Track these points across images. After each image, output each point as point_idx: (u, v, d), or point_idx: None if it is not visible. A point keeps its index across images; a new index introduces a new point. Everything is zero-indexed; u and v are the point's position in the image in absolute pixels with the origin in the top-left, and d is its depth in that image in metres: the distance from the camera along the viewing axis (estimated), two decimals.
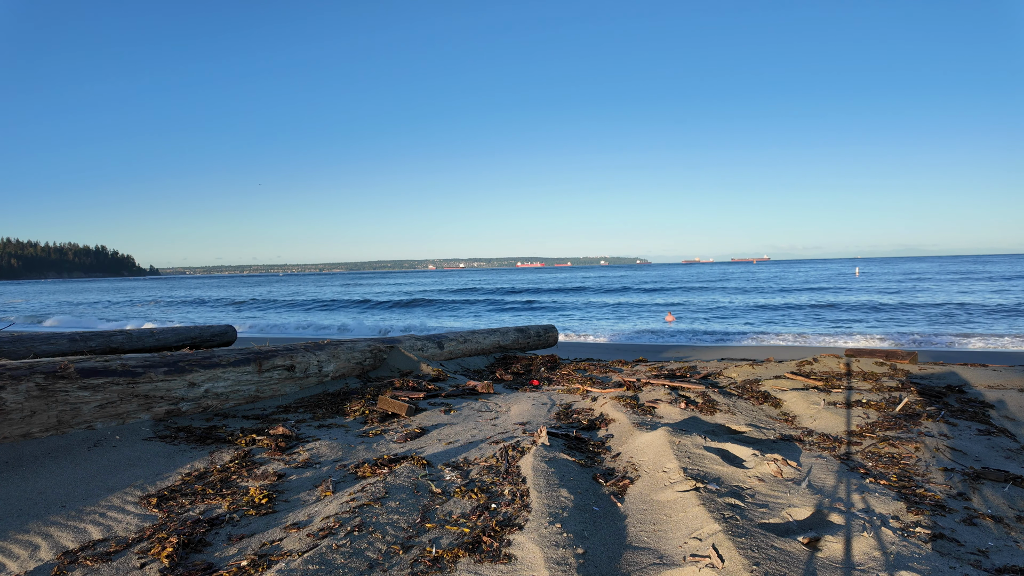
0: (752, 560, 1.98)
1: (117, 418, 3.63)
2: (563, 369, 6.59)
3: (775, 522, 2.34)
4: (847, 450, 3.41)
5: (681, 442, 3.18)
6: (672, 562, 2.08)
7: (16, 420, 3.16)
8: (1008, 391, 4.65)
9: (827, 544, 2.17)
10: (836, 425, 3.91)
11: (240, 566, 2.07)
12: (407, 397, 4.72)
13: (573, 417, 4.21)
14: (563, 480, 2.77)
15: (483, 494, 2.70)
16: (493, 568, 2.06)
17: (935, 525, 2.40)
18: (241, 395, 4.46)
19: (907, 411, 4.08)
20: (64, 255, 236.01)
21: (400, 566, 2.09)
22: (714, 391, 4.82)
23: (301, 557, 2.05)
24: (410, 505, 2.57)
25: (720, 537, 2.13)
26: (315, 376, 5.18)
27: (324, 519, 2.42)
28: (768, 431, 3.81)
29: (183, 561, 2.17)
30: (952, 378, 5.21)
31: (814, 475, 2.91)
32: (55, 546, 2.31)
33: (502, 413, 4.38)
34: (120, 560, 2.20)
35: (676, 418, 3.95)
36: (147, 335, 8.49)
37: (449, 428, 3.97)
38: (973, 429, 3.76)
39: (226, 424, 3.99)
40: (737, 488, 2.66)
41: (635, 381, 5.34)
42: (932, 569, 2.01)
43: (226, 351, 4.53)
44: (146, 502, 2.72)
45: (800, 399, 4.56)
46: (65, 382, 3.40)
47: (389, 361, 6.11)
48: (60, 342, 7.45)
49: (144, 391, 3.78)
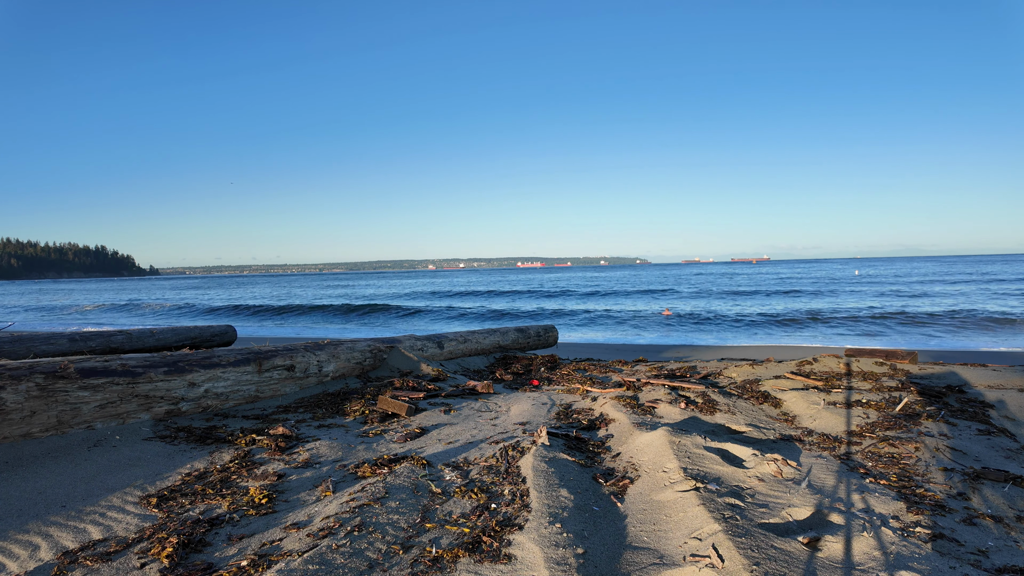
0: (752, 560, 1.98)
1: (117, 418, 3.63)
2: (563, 369, 6.59)
3: (775, 522, 2.34)
4: (847, 450, 3.41)
5: (681, 442, 3.18)
6: (672, 562, 2.08)
7: (16, 420, 3.16)
8: (1008, 391, 4.65)
9: (827, 544, 2.17)
10: (836, 425, 3.91)
11: (240, 566, 2.07)
12: (407, 397, 4.72)
13: (573, 417, 4.21)
14: (563, 480, 2.77)
15: (483, 494, 2.70)
16: (493, 568, 2.06)
17: (935, 525, 2.40)
18: (241, 395, 4.46)
19: (907, 411, 4.08)
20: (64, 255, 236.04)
21: (400, 566, 2.09)
22: (714, 391, 4.82)
23: (301, 557, 2.05)
24: (410, 505, 2.57)
25: (720, 537, 2.13)
26: (315, 376, 5.18)
27: (324, 519, 2.41)
28: (768, 431, 3.81)
29: (183, 561, 2.17)
30: (952, 378, 5.21)
31: (814, 475, 2.91)
32: (55, 546, 2.31)
33: (502, 413, 4.38)
34: (120, 560, 2.20)
35: (676, 418, 3.95)
36: (147, 335, 8.49)
37: (449, 428, 3.97)
38: (973, 429, 3.76)
39: (226, 424, 3.99)
40: (737, 488, 2.66)
41: (635, 381, 5.34)
42: (932, 569, 2.01)
43: (226, 351, 4.53)
44: (146, 502, 2.72)
45: (800, 399, 4.56)
46: (65, 382, 3.40)
47: (389, 361, 6.11)
48: (60, 342, 7.45)
49: (144, 391, 3.78)
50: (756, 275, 57.50)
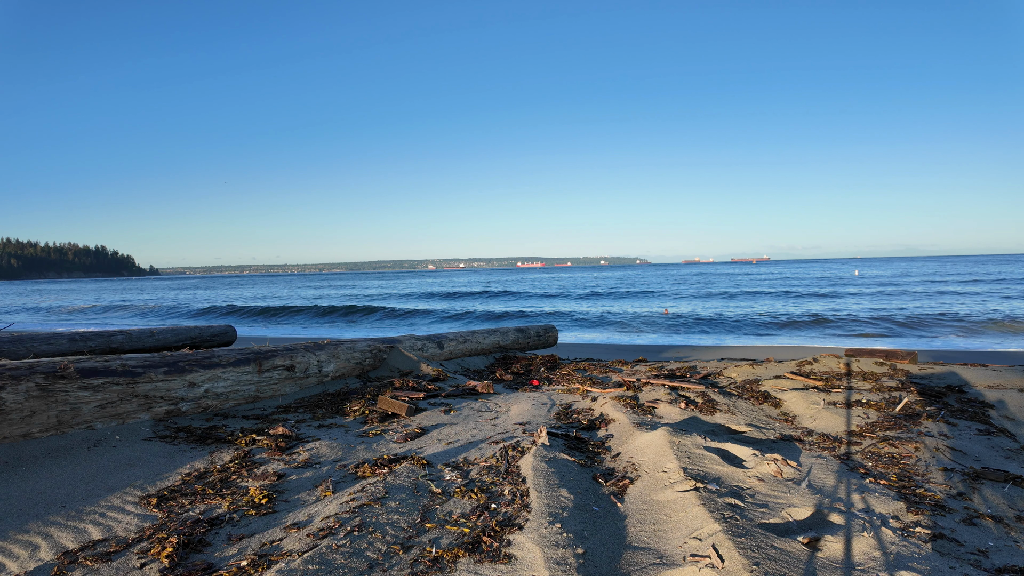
0: (752, 560, 1.98)
1: (117, 418, 3.63)
2: (563, 369, 6.59)
3: (775, 522, 2.34)
4: (847, 450, 3.41)
5: (681, 442, 3.18)
6: (672, 562, 2.08)
7: (16, 420, 3.16)
8: (1008, 391, 4.65)
9: (827, 544, 2.17)
10: (836, 425, 3.91)
11: (240, 566, 2.07)
12: (407, 397, 4.72)
13: (573, 417, 4.21)
14: (563, 480, 2.77)
15: (483, 494, 2.70)
16: (493, 568, 2.06)
17: (935, 525, 2.40)
18: (241, 395, 4.46)
19: (907, 411, 4.08)
20: (64, 255, 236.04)
21: (400, 566, 2.09)
22: (714, 391, 4.82)
23: (301, 557, 2.05)
24: (410, 505, 2.57)
25: (720, 537, 2.13)
26: (315, 376, 5.18)
27: (324, 519, 2.41)
28: (768, 431, 3.81)
29: (183, 561, 2.17)
30: (952, 378, 5.21)
31: (814, 475, 2.91)
32: (55, 546, 2.31)
33: (502, 413, 4.38)
34: (120, 560, 2.20)
35: (676, 418, 3.95)
36: (147, 335, 8.48)
37: (449, 428, 3.97)
38: (973, 429, 3.76)
39: (226, 424, 3.99)
40: (737, 488, 2.66)
41: (635, 381, 5.34)
42: (932, 569, 2.01)
43: (226, 351, 4.53)
44: (146, 502, 2.72)
45: (800, 399, 4.56)
46: (65, 382, 3.40)
47: (389, 361, 6.11)
48: (60, 342, 7.45)
49: (144, 391, 3.78)
50: (756, 275, 57.50)
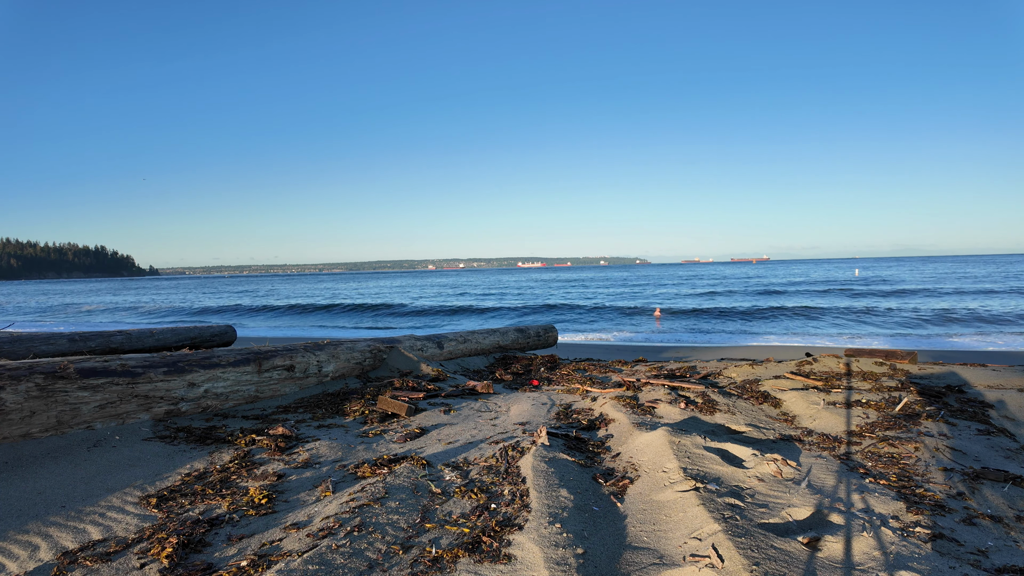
0: (752, 560, 1.98)
1: (117, 418, 3.63)
2: (563, 369, 6.59)
3: (775, 522, 2.34)
4: (847, 450, 3.41)
5: (681, 442, 3.18)
6: (672, 562, 2.08)
7: (16, 420, 3.16)
8: (1008, 391, 4.65)
9: (827, 544, 2.17)
10: (836, 425, 3.91)
11: (240, 566, 2.07)
12: (407, 397, 4.72)
13: (573, 417, 4.21)
14: (563, 480, 2.77)
15: (483, 494, 2.70)
16: (493, 568, 2.06)
17: (935, 525, 2.40)
18: (241, 395, 4.46)
19: (907, 411, 4.08)
20: (64, 255, 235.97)
21: (400, 566, 2.09)
22: (714, 391, 4.82)
23: (301, 557, 2.05)
24: (410, 505, 2.57)
25: (720, 537, 2.13)
26: (315, 376, 5.17)
27: (324, 519, 2.41)
28: (768, 431, 3.81)
29: (183, 561, 2.17)
30: (952, 378, 5.21)
31: (814, 475, 2.91)
32: (55, 546, 2.31)
33: (502, 413, 4.38)
34: (120, 560, 2.20)
35: (676, 418, 3.95)
36: (147, 335, 8.48)
37: (449, 428, 3.97)
38: (973, 429, 3.76)
39: (226, 424, 3.99)
40: (737, 488, 2.66)
41: (635, 381, 5.34)
42: (932, 569, 2.01)
43: (226, 351, 4.53)
44: (146, 502, 2.72)
45: (800, 399, 4.56)
46: (65, 382, 3.39)
47: (389, 361, 6.11)
48: (60, 342, 7.45)
49: (144, 391, 3.78)
50: (756, 275, 57.51)
